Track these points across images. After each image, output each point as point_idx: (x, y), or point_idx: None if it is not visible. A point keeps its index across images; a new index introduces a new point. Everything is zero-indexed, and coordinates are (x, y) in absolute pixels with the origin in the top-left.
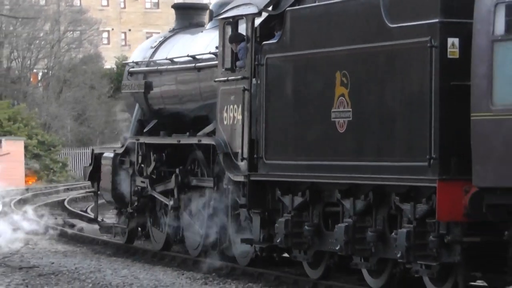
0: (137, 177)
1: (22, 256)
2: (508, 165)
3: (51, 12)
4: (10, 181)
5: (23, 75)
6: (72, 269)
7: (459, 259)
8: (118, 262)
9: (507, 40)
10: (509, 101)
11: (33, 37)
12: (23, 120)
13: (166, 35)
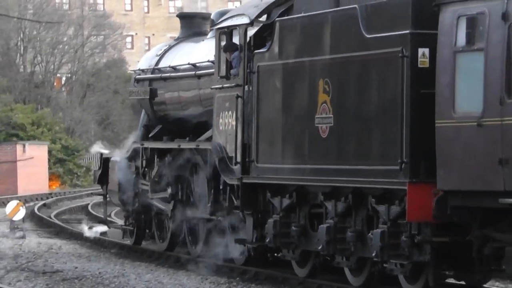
0: (142, 181)
1: (46, 261)
2: (468, 169)
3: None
4: (33, 186)
5: (46, 79)
6: (96, 273)
7: (429, 258)
8: (142, 267)
9: (467, 51)
10: (469, 109)
11: (57, 42)
12: (47, 124)
13: (170, 43)
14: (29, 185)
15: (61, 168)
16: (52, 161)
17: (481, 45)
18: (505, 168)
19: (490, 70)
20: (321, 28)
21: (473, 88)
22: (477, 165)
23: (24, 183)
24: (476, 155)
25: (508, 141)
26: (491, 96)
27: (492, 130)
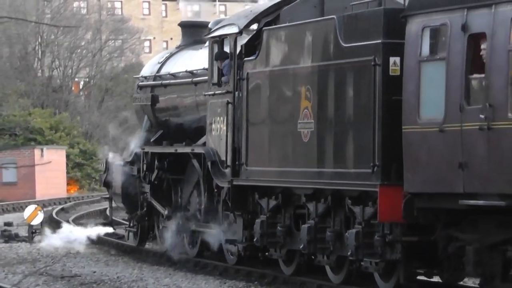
0: (143, 184)
1: (64, 265)
2: (432, 173)
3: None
4: (51, 190)
5: (64, 84)
6: (114, 278)
7: (400, 256)
8: (160, 271)
9: (431, 61)
10: (432, 115)
11: (75, 46)
12: (65, 129)
13: (172, 51)
14: (47, 190)
15: (79, 172)
16: (70, 166)
17: (443, 55)
18: (465, 172)
19: (451, 79)
20: (303, 37)
21: (436, 95)
22: (439, 168)
23: (42, 188)
24: (439, 159)
25: (467, 146)
26: (452, 103)
27: (453, 136)
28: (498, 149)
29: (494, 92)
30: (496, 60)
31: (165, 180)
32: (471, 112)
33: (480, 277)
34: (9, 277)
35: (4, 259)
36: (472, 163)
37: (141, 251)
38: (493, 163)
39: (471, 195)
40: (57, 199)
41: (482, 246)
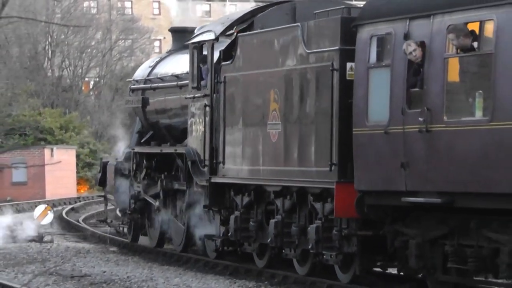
0: (134, 183)
1: (74, 265)
2: (378, 172)
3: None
4: (61, 190)
5: (74, 83)
6: (124, 277)
7: (356, 249)
8: (170, 271)
9: (378, 67)
10: (379, 118)
11: (85, 46)
12: (75, 128)
13: (162, 55)
14: (57, 189)
15: (89, 172)
16: (80, 165)
17: (388, 62)
18: (406, 171)
19: (394, 84)
20: (272, 43)
21: (382, 100)
22: (385, 168)
23: (52, 187)
24: (384, 159)
25: (408, 147)
26: (395, 107)
27: (396, 137)
28: (435, 150)
29: (431, 97)
30: (434, 67)
31: (154, 178)
32: (411, 116)
33: (422, 270)
34: (19, 276)
35: (14, 259)
36: (413, 163)
37: (151, 251)
38: (431, 163)
39: (412, 193)
40: (67, 198)
41: (424, 240)
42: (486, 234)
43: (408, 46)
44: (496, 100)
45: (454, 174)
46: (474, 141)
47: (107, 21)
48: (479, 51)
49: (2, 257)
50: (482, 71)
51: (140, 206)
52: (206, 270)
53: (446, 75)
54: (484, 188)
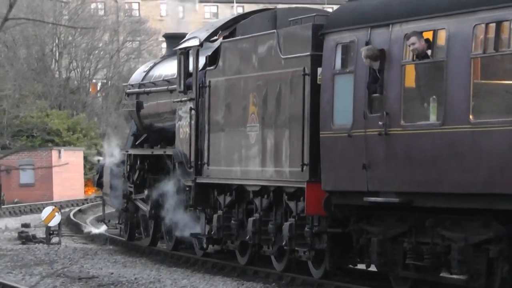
0: (128, 184)
1: (82, 266)
2: (342, 173)
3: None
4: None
5: (82, 85)
6: (132, 279)
7: (326, 246)
8: (178, 273)
9: (342, 74)
10: (343, 122)
11: (92, 47)
12: (82, 130)
13: (156, 61)
14: (65, 191)
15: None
16: (88, 167)
17: (351, 69)
18: (368, 172)
19: (357, 89)
20: (251, 49)
21: (346, 104)
22: (348, 169)
23: (60, 189)
24: (348, 161)
25: (369, 149)
26: (358, 112)
27: (358, 140)
28: (394, 152)
29: (390, 102)
30: (392, 73)
31: (147, 179)
32: (372, 120)
33: (384, 266)
34: (26, 278)
35: (22, 261)
36: (374, 164)
37: (159, 252)
38: (390, 164)
39: (373, 193)
40: (75, 200)
41: (385, 238)
42: (440, 232)
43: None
44: (447, 105)
45: (411, 175)
46: (428, 144)
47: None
48: (432, 58)
49: (10, 258)
50: (436, 78)
51: (132, 206)
52: (214, 271)
53: (403, 81)
54: (438, 188)
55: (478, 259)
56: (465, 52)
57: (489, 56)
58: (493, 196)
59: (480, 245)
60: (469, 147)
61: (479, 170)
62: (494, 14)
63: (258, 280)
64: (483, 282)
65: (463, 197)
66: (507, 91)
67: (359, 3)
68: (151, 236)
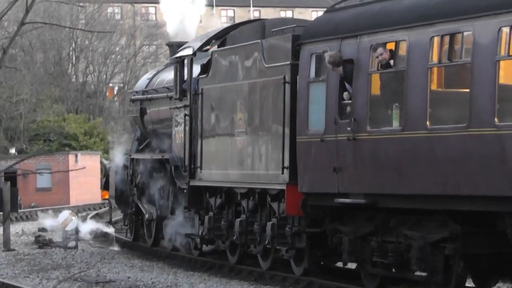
0: (131, 186)
1: (99, 271)
2: (316, 176)
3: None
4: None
5: (99, 89)
6: (149, 283)
7: (305, 245)
8: (195, 277)
9: (316, 82)
10: (317, 127)
11: (109, 52)
12: (99, 134)
13: (160, 68)
14: (82, 195)
15: None
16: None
17: (324, 77)
18: (338, 175)
19: (329, 97)
20: (238, 59)
21: (319, 111)
22: (321, 172)
23: (77, 193)
24: (321, 164)
25: (339, 153)
26: (329, 118)
27: (330, 145)
28: (361, 156)
29: (357, 108)
30: (360, 81)
31: (148, 183)
32: (342, 125)
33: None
34: (43, 282)
35: (39, 265)
36: (343, 168)
37: (176, 256)
38: (358, 168)
39: (343, 194)
40: (92, 204)
41: (355, 237)
42: (403, 231)
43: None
44: (407, 112)
45: (376, 178)
46: (391, 148)
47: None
48: (395, 68)
49: (27, 263)
50: (398, 86)
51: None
52: (231, 275)
53: (369, 89)
54: (400, 190)
55: (436, 257)
56: (423, 62)
57: (443, 66)
58: (448, 198)
59: (438, 243)
60: (426, 152)
61: (435, 173)
62: (448, 27)
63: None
64: (441, 278)
65: (423, 198)
66: (459, 99)
67: (332, 16)
68: (153, 237)
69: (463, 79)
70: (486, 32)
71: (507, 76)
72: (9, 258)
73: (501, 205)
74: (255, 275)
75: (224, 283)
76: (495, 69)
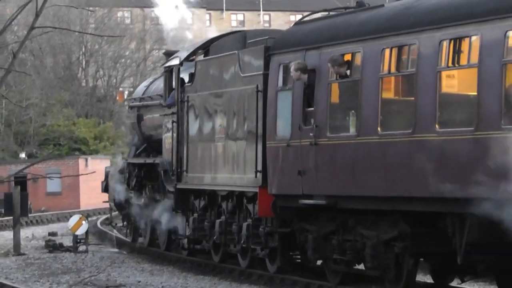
0: (128, 189)
1: (109, 275)
2: (284, 179)
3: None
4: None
5: (109, 93)
6: (159, 287)
7: (277, 244)
8: (205, 281)
9: (283, 91)
10: (284, 133)
11: (119, 56)
12: (109, 138)
13: (156, 76)
14: (92, 199)
15: None
16: None
17: (290, 86)
18: (303, 178)
19: (294, 105)
20: (219, 68)
21: (286, 118)
22: (288, 175)
23: (87, 197)
24: (287, 168)
25: (303, 157)
26: (295, 124)
27: (295, 149)
28: (322, 160)
29: (319, 115)
30: (321, 90)
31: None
32: (306, 131)
33: (320, 260)
34: (53, 287)
35: (49, 269)
36: (307, 171)
37: (186, 260)
38: (319, 171)
39: (307, 196)
40: (102, 209)
41: (319, 235)
42: (359, 230)
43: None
44: (362, 119)
45: (335, 180)
46: (348, 153)
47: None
48: (351, 77)
49: (37, 267)
50: (353, 94)
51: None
52: (241, 279)
53: (329, 98)
54: (356, 191)
55: (388, 255)
56: (375, 72)
57: (392, 75)
58: (398, 199)
59: (389, 242)
60: (378, 156)
61: (385, 176)
62: (397, 39)
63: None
64: (392, 274)
65: (376, 199)
66: (406, 107)
67: (299, 28)
68: (148, 237)
69: (409, 88)
70: (429, 44)
71: (448, 86)
72: (19, 263)
73: (443, 206)
74: (265, 279)
75: (234, 287)
76: (436, 79)
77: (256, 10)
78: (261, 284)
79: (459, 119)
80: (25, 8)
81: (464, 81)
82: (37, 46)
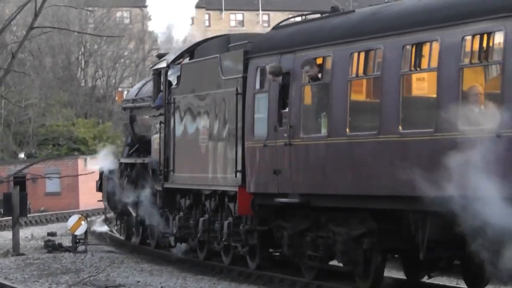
0: (120, 189)
1: (108, 275)
2: (260, 178)
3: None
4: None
5: (108, 93)
6: (158, 287)
7: (256, 241)
8: (205, 281)
9: (260, 93)
10: (260, 134)
11: (118, 56)
12: (109, 139)
13: (148, 79)
14: (91, 200)
15: None
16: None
17: (266, 89)
18: (278, 177)
19: (270, 106)
20: (202, 71)
21: (263, 119)
22: (264, 174)
23: (86, 198)
24: (264, 167)
25: (278, 157)
26: (271, 125)
27: (271, 150)
28: (296, 160)
29: (293, 117)
30: (295, 92)
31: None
32: (281, 132)
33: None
34: (53, 287)
35: (48, 269)
36: (282, 170)
37: (185, 260)
38: (293, 170)
39: (282, 194)
40: (101, 209)
41: (294, 232)
42: (331, 227)
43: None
44: (332, 120)
45: (308, 179)
46: (320, 153)
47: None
48: (322, 80)
49: (36, 267)
50: (324, 97)
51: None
52: (241, 279)
53: (302, 100)
54: (327, 190)
55: (357, 251)
56: (344, 76)
57: (360, 79)
58: (365, 197)
59: (358, 238)
60: (347, 156)
61: (353, 175)
62: (364, 44)
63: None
64: (361, 269)
65: (345, 197)
66: (372, 109)
67: (276, 33)
68: (140, 236)
69: (375, 91)
70: (393, 49)
71: (410, 89)
72: (18, 263)
73: (406, 204)
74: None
75: (233, 287)
76: (399, 82)
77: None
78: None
79: (420, 121)
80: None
81: (425, 85)
82: (36, 46)
